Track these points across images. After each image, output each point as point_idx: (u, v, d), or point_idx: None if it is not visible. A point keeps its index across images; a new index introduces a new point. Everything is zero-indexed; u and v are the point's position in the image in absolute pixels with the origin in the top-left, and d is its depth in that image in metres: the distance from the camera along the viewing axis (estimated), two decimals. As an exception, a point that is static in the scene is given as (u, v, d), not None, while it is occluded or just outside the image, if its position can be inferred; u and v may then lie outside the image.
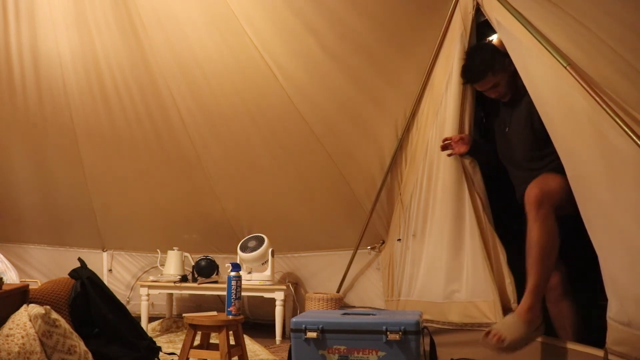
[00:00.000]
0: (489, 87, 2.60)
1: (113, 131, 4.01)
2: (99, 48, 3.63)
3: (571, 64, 1.94)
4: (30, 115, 4.01)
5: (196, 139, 3.95)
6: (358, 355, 2.13)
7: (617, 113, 1.77)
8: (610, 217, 1.86)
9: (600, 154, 1.90)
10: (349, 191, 3.78)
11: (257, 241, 3.89)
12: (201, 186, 4.18)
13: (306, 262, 4.24)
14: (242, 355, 2.49)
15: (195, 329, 2.44)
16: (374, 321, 2.16)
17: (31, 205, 4.48)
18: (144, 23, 3.46)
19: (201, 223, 4.39)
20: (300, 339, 2.18)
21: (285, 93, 3.46)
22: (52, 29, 3.60)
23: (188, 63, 3.56)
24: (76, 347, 2.07)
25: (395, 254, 3.54)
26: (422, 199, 3.18)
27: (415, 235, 3.24)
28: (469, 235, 2.75)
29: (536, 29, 2.11)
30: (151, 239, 4.45)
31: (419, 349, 2.11)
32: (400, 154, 3.49)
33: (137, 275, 4.57)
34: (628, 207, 1.80)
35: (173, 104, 3.81)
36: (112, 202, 4.40)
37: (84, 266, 2.61)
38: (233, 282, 2.45)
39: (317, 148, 3.65)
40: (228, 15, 3.24)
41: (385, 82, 3.28)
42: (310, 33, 3.15)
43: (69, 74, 3.79)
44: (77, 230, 4.59)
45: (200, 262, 3.96)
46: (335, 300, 3.66)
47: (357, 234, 3.80)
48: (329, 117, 3.55)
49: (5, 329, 1.95)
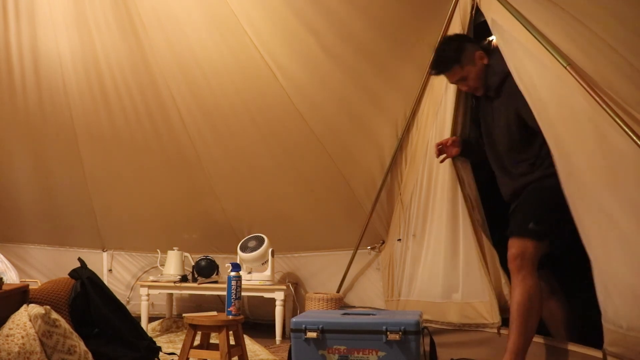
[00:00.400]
0: (457, 80, 2.57)
1: (113, 131, 4.01)
2: (99, 48, 3.63)
3: (571, 64, 1.93)
4: (30, 115, 4.01)
5: (196, 139, 3.95)
6: (358, 355, 2.13)
7: (617, 113, 1.77)
8: (611, 217, 1.86)
9: (601, 154, 1.90)
10: (349, 191, 3.78)
11: (257, 241, 3.88)
12: (201, 186, 4.18)
13: (306, 262, 4.24)
14: (242, 355, 2.49)
15: (195, 329, 2.44)
16: (374, 321, 2.16)
17: (31, 205, 4.48)
18: (144, 23, 3.46)
19: (201, 223, 4.38)
20: (300, 339, 2.18)
21: (285, 93, 3.46)
22: (52, 29, 3.60)
23: (188, 63, 3.56)
24: (76, 347, 2.07)
25: (395, 254, 3.54)
26: (422, 199, 3.18)
27: (415, 235, 3.24)
28: (463, 235, 2.77)
29: (536, 29, 2.11)
30: (151, 239, 4.45)
31: (419, 349, 2.11)
32: (400, 154, 3.49)
33: (137, 275, 4.57)
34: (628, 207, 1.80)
35: (173, 104, 3.81)
36: (112, 202, 4.40)
37: (84, 266, 2.61)
38: (233, 282, 2.45)
39: (317, 148, 3.65)
40: (228, 15, 3.24)
41: (385, 82, 3.28)
42: (310, 33, 3.15)
43: (69, 74, 3.79)
44: (77, 230, 4.59)
45: (200, 262, 3.96)
46: (335, 300, 3.65)
47: (357, 234, 3.80)
48: (329, 117, 3.55)
49: (5, 329, 1.95)
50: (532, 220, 2.24)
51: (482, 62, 2.49)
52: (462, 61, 2.51)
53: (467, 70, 2.52)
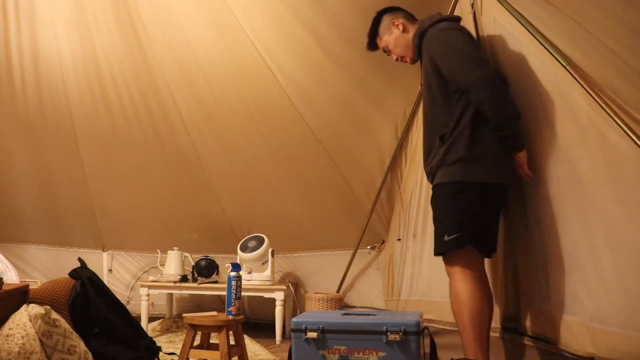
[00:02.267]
0: (386, 53, 2.50)
1: (113, 131, 4.01)
2: (99, 48, 3.63)
3: (571, 64, 1.94)
4: (30, 115, 4.01)
5: (196, 139, 3.95)
6: (358, 355, 2.13)
7: (617, 113, 1.76)
8: (611, 217, 1.86)
9: (601, 155, 1.89)
10: (349, 191, 3.78)
11: (257, 241, 3.89)
12: (201, 186, 4.18)
13: (306, 262, 4.24)
14: (242, 355, 2.49)
15: (195, 329, 2.44)
16: (374, 321, 2.16)
17: (31, 205, 4.48)
18: (144, 23, 3.46)
19: (201, 223, 4.39)
20: (301, 339, 2.18)
21: (285, 93, 3.47)
22: (52, 29, 3.60)
23: (188, 63, 3.56)
24: (76, 347, 2.07)
25: (395, 254, 3.54)
26: (422, 199, 3.18)
27: (415, 235, 3.24)
28: None
29: (535, 29, 2.11)
30: (151, 239, 4.45)
31: (420, 350, 2.11)
32: (400, 154, 3.50)
33: (137, 275, 4.57)
34: (629, 207, 1.79)
35: (173, 104, 3.81)
36: (112, 202, 4.40)
37: (84, 266, 2.61)
38: (233, 282, 2.45)
39: (317, 148, 3.65)
40: (228, 15, 3.24)
41: (385, 82, 3.28)
42: (310, 33, 3.15)
43: (69, 74, 3.79)
44: (77, 230, 4.59)
45: (200, 262, 3.96)
46: (335, 300, 3.66)
47: (357, 233, 3.80)
48: (329, 117, 3.55)
49: (5, 329, 1.94)
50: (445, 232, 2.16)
51: (398, 29, 2.40)
52: (380, 32, 2.47)
53: (385, 40, 2.46)
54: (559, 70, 2.01)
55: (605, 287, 1.89)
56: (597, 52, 1.84)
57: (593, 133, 1.90)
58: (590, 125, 1.91)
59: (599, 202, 1.91)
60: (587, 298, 1.97)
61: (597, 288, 1.92)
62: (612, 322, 1.86)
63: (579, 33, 1.88)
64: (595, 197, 1.93)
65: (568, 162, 2.06)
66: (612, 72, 1.81)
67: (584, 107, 1.92)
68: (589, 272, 1.95)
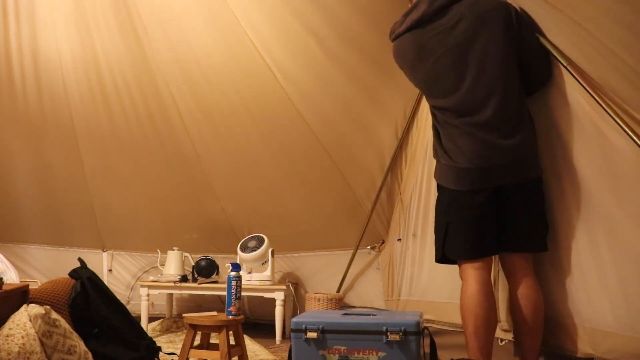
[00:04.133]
0: None
1: (113, 131, 4.01)
2: (99, 48, 3.63)
3: (571, 64, 1.94)
4: (30, 115, 4.01)
5: (196, 139, 3.95)
6: (358, 355, 2.13)
7: (617, 113, 1.77)
8: (611, 218, 1.86)
9: (601, 155, 1.90)
10: (349, 191, 3.78)
11: (257, 241, 3.88)
12: (201, 186, 4.18)
13: (306, 262, 4.24)
14: (242, 355, 2.49)
15: (195, 329, 2.44)
16: (374, 321, 2.16)
17: (31, 205, 4.48)
18: (144, 23, 3.46)
19: (201, 223, 4.38)
20: (301, 339, 2.18)
21: (285, 92, 3.46)
22: (52, 29, 3.60)
23: (188, 63, 3.56)
24: (76, 347, 2.07)
25: (395, 254, 3.54)
26: (422, 199, 3.18)
27: (415, 235, 3.24)
28: None
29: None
30: (151, 239, 4.45)
31: (420, 350, 2.11)
32: (400, 154, 3.50)
33: (137, 275, 4.57)
34: (629, 208, 1.80)
35: (173, 104, 3.81)
36: (112, 202, 4.40)
37: (84, 266, 2.61)
38: (233, 282, 2.45)
39: (317, 148, 3.65)
40: (228, 15, 3.24)
41: (385, 82, 3.28)
42: (310, 33, 3.15)
43: (69, 74, 3.79)
44: (77, 230, 4.59)
45: (200, 262, 3.96)
46: (335, 300, 3.65)
47: (357, 233, 3.80)
48: (329, 117, 3.55)
49: (5, 329, 1.95)
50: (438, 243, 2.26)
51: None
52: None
53: None
54: (559, 70, 2.01)
55: (605, 287, 1.89)
56: (597, 52, 1.84)
57: (593, 133, 1.90)
58: (590, 125, 1.91)
59: (599, 202, 1.91)
60: (586, 299, 1.97)
61: (597, 289, 1.92)
62: (611, 323, 1.86)
63: (579, 33, 1.88)
64: (595, 197, 1.93)
65: (568, 162, 2.06)
66: (612, 72, 1.81)
67: (584, 107, 1.92)
68: (589, 273, 1.95)
